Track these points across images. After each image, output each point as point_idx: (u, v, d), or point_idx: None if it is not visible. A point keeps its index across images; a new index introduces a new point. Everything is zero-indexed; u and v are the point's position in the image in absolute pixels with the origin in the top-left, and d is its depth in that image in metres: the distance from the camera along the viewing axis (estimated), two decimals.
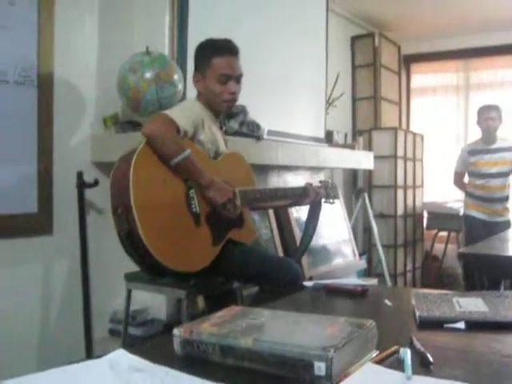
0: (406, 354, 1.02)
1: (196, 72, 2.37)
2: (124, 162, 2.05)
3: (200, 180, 2.14)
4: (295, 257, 2.86)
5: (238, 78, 2.35)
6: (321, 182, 2.78)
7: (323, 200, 2.72)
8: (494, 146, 4.63)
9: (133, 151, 2.04)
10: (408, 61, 6.59)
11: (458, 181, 4.94)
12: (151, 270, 2.13)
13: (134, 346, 2.58)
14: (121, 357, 1.03)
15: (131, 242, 1.99)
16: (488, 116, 4.59)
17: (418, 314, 1.34)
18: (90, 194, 2.93)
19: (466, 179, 4.85)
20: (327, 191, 2.75)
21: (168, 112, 2.12)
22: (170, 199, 2.08)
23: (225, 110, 2.45)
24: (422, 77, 6.61)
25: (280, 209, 3.70)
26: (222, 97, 2.31)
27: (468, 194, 4.79)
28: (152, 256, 1.95)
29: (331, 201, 2.76)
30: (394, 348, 1.07)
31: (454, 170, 4.94)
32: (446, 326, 1.29)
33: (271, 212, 3.73)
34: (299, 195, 2.59)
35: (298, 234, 3.80)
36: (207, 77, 2.32)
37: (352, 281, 2.15)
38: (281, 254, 3.62)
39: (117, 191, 2.04)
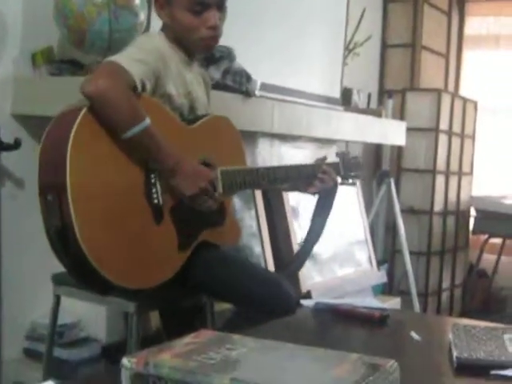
0: None
1: None
2: (62, 122, 2.03)
3: (161, 161, 2.11)
4: (295, 265, 2.85)
5: (219, 4, 2.30)
6: (338, 154, 2.77)
7: (339, 180, 2.70)
8: None
9: (79, 108, 2.01)
10: None
11: None
12: (90, 285, 2.14)
13: (60, 373, 2.57)
14: None
15: (64, 244, 1.97)
16: None
17: (455, 354, 1.37)
18: (7, 158, 2.92)
19: None
20: (348, 165, 2.73)
21: (117, 58, 2.08)
22: (122, 184, 2.08)
23: (203, 51, 2.44)
24: (481, 20, 6.60)
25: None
26: (198, 33, 2.28)
27: None
28: (92, 267, 1.95)
29: (350, 180, 2.74)
30: None
31: None
32: (492, 372, 1.31)
33: (258, 193, 3.71)
34: (311, 177, 2.56)
35: (295, 228, 3.83)
36: (174, 3, 2.27)
37: (367, 301, 2.17)
38: (269, 257, 3.64)
39: (48, 165, 2.02)
